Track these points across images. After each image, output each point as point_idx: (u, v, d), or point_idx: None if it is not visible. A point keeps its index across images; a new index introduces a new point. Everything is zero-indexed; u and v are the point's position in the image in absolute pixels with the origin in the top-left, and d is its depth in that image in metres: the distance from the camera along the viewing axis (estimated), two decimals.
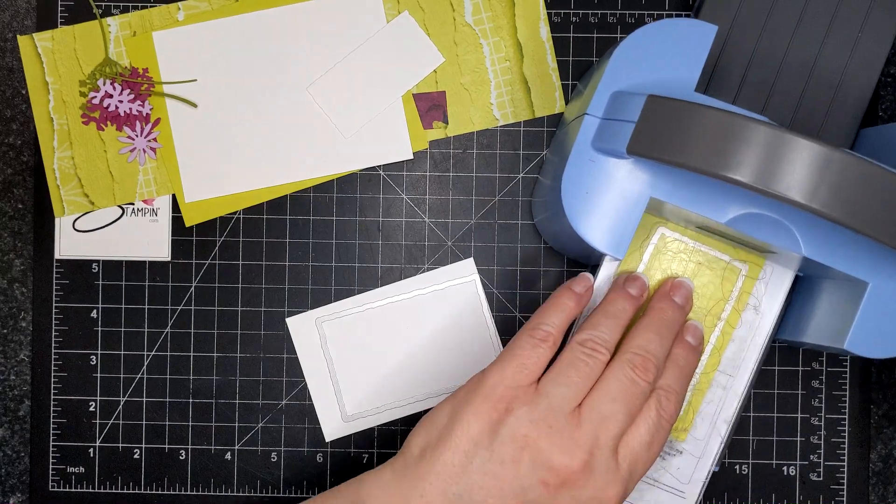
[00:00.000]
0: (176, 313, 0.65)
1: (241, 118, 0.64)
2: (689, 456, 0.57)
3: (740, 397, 0.56)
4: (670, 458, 0.57)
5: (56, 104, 0.64)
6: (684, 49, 0.51)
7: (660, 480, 0.57)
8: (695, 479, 0.57)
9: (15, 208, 0.65)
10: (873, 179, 0.41)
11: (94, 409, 0.65)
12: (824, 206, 0.41)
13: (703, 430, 0.57)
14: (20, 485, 0.65)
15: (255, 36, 0.64)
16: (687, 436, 0.57)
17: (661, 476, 0.57)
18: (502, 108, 0.65)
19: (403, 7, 0.64)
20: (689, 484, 0.57)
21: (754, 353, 0.57)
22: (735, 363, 0.57)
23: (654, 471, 0.57)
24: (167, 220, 0.65)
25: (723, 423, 0.56)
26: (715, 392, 0.57)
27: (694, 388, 0.57)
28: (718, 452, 0.56)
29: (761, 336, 0.56)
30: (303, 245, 0.65)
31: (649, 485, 0.57)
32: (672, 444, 0.57)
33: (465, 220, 0.65)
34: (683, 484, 0.57)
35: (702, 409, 0.57)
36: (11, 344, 0.65)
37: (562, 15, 0.65)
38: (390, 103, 0.64)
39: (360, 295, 0.65)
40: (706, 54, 0.51)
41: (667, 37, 0.51)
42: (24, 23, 0.65)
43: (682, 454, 0.57)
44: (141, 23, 0.64)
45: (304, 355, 0.65)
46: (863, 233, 0.42)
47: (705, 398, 0.57)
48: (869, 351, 0.50)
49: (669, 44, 0.51)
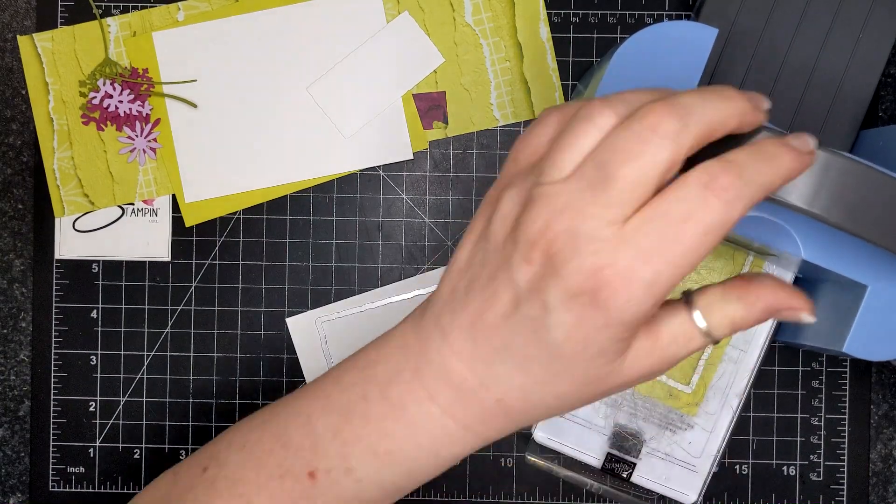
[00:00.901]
0: (176, 313, 0.65)
1: (241, 118, 0.64)
2: (700, 430, 0.57)
3: (751, 372, 0.57)
4: (682, 433, 0.57)
5: (56, 104, 0.64)
6: (685, 51, 0.51)
7: (671, 455, 0.57)
8: (706, 453, 0.57)
9: (15, 208, 0.65)
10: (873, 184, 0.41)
11: (94, 409, 0.65)
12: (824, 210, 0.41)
13: (714, 405, 0.57)
14: (20, 485, 0.65)
15: (255, 36, 0.64)
16: (698, 410, 0.57)
17: (672, 450, 0.57)
18: (502, 109, 0.64)
19: (403, 7, 0.64)
20: (701, 458, 0.58)
21: (765, 327, 0.57)
22: (746, 338, 0.57)
23: (665, 445, 0.57)
24: (167, 221, 0.65)
25: (734, 397, 0.57)
26: (726, 367, 0.57)
27: (705, 362, 0.57)
28: (730, 427, 0.57)
29: None
30: (303, 245, 0.65)
31: (661, 459, 0.57)
32: (683, 419, 0.57)
33: (465, 221, 0.65)
34: (695, 458, 0.58)
35: (713, 384, 0.57)
36: (11, 344, 0.65)
37: (562, 15, 0.65)
38: (390, 103, 0.64)
39: (360, 295, 0.65)
40: (706, 57, 0.51)
41: (667, 39, 0.51)
42: (24, 23, 0.65)
43: (694, 429, 0.57)
44: (141, 23, 0.64)
45: (304, 355, 0.65)
46: (863, 237, 0.42)
47: (716, 373, 0.57)
48: (868, 353, 0.50)
49: (670, 46, 0.51)
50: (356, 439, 0.42)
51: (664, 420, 0.58)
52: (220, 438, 0.47)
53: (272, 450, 0.44)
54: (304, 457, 0.43)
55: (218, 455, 0.46)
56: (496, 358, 0.39)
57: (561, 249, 0.36)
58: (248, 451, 0.45)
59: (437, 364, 0.41)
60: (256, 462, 0.44)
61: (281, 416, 0.45)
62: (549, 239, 0.37)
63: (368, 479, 0.42)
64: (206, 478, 0.45)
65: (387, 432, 0.42)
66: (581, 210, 0.37)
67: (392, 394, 0.41)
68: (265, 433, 0.45)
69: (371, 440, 0.42)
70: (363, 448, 0.42)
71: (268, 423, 0.45)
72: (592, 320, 0.37)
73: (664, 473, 0.57)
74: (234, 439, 0.46)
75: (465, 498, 0.64)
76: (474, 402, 0.40)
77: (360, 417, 0.42)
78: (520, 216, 0.38)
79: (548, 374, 0.39)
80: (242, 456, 0.45)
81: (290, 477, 0.43)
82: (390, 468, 0.42)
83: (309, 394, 0.45)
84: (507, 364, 0.39)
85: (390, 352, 0.42)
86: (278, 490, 0.43)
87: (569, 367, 0.38)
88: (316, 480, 0.43)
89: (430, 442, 0.41)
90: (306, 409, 0.44)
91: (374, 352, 0.43)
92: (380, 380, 0.42)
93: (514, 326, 0.38)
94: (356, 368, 0.43)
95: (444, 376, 0.40)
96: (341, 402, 0.43)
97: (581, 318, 0.37)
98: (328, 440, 0.42)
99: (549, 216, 0.37)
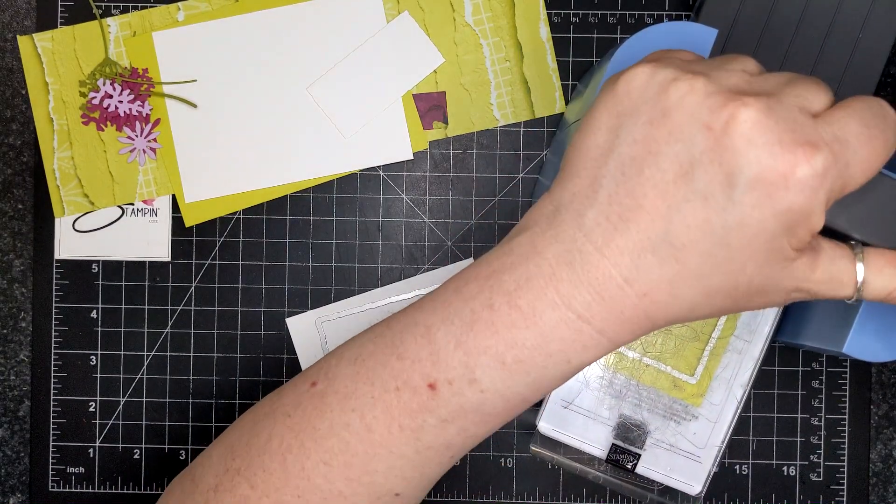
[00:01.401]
0: (176, 313, 0.65)
1: (241, 118, 0.64)
2: (705, 421, 0.57)
3: (756, 362, 0.57)
4: (686, 424, 0.57)
5: (56, 104, 0.64)
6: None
7: (676, 445, 0.57)
8: (710, 443, 0.57)
9: (15, 208, 0.65)
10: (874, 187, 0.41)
11: (94, 410, 0.65)
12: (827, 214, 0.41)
13: (719, 395, 0.57)
14: (20, 485, 0.65)
15: (255, 36, 0.64)
16: (703, 401, 0.57)
17: (677, 441, 0.57)
18: (502, 109, 0.64)
19: (403, 7, 0.64)
20: (706, 449, 0.58)
21: (770, 317, 0.57)
22: (751, 328, 0.57)
23: (670, 436, 0.57)
24: (167, 221, 0.65)
25: (739, 388, 0.57)
26: (731, 357, 0.57)
27: (710, 353, 0.57)
28: (735, 417, 0.57)
29: None
30: (303, 245, 0.65)
31: (665, 450, 0.58)
32: (688, 410, 0.57)
33: (465, 221, 0.65)
34: (700, 449, 0.58)
35: (718, 374, 0.57)
36: (11, 344, 0.65)
37: (562, 15, 0.65)
38: (390, 103, 0.64)
39: (360, 295, 0.65)
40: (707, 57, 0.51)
41: (667, 40, 0.51)
42: (23, 23, 0.65)
43: (699, 419, 0.58)
44: (141, 23, 0.64)
45: (304, 356, 0.65)
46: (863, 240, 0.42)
47: (721, 363, 0.57)
48: (867, 355, 0.50)
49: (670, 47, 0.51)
50: (482, 349, 0.40)
51: (669, 411, 0.58)
52: (331, 355, 0.45)
53: (387, 362, 0.42)
54: (423, 368, 0.41)
55: (328, 370, 0.44)
56: (648, 247, 0.38)
57: (754, 118, 0.36)
58: (361, 364, 0.43)
59: (578, 265, 0.39)
60: (370, 375, 0.42)
61: (396, 329, 0.43)
62: (741, 101, 0.37)
63: (493, 389, 0.41)
64: (314, 392, 0.44)
65: (516, 341, 0.40)
66: (777, 93, 0.37)
67: (521, 301, 0.40)
68: (378, 346, 0.43)
69: (499, 349, 0.40)
70: (489, 358, 0.40)
71: (381, 336, 0.43)
72: (774, 203, 0.36)
73: (669, 464, 0.57)
74: (344, 354, 0.44)
75: (465, 498, 0.64)
76: (616, 300, 0.39)
77: (485, 326, 0.40)
78: (697, 85, 0.38)
79: (705, 264, 0.38)
80: (354, 369, 0.43)
81: (408, 389, 0.42)
82: (518, 378, 0.41)
83: (426, 305, 0.42)
84: (660, 253, 0.38)
85: (515, 261, 0.40)
86: (394, 402, 0.42)
87: (729, 260, 0.38)
88: (436, 392, 0.41)
89: (561, 349, 0.40)
90: (424, 319, 0.42)
91: (497, 261, 0.41)
92: (507, 287, 0.40)
93: (680, 205, 0.37)
94: (478, 278, 0.41)
95: (585, 277, 0.39)
96: (464, 312, 0.41)
97: (763, 199, 0.36)
98: (450, 350, 0.41)
99: (742, 82, 0.38)
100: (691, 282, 0.38)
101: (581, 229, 0.39)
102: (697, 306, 0.39)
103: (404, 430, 0.42)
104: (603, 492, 0.64)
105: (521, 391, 0.41)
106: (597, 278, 0.39)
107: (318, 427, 0.43)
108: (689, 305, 0.39)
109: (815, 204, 0.36)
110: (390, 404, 0.42)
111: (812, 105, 0.38)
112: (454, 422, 0.42)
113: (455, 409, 0.41)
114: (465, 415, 0.42)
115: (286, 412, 0.44)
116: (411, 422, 0.42)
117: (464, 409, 0.41)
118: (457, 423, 0.42)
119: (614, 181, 0.39)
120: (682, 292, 0.39)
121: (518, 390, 0.41)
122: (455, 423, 0.42)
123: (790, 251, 0.38)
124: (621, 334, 0.40)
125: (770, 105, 0.36)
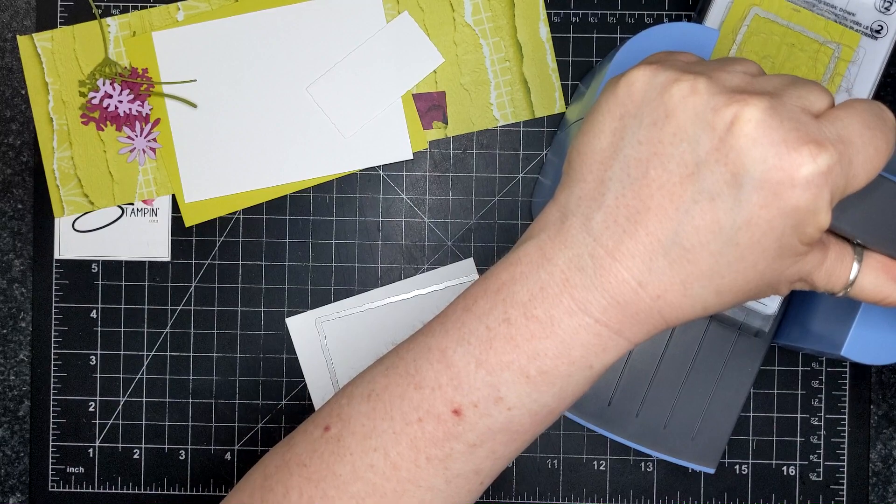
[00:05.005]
0: (176, 313, 0.65)
1: (241, 118, 0.64)
2: None
3: None
4: None
5: (56, 104, 0.64)
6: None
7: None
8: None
9: (15, 208, 0.65)
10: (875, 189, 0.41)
11: (94, 410, 0.65)
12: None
13: None
14: (20, 485, 0.65)
15: (255, 36, 0.64)
16: None
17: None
18: (502, 109, 0.64)
19: (403, 7, 0.64)
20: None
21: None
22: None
23: None
24: (167, 221, 0.65)
25: None
26: None
27: None
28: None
29: None
30: (303, 245, 0.65)
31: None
32: None
33: (465, 221, 0.65)
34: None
35: None
36: (11, 344, 0.65)
37: (562, 15, 0.64)
38: (390, 103, 0.64)
39: (360, 295, 0.65)
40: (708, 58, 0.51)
41: (669, 40, 0.50)
42: (23, 23, 0.65)
43: None
44: (141, 23, 0.64)
45: (304, 355, 0.65)
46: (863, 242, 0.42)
47: None
48: (866, 358, 0.50)
49: (671, 47, 0.51)
50: (504, 365, 0.39)
51: None
52: (339, 395, 0.43)
53: (404, 394, 0.41)
54: (445, 394, 0.40)
55: (340, 411, 0.42)
56: (659, 250, 0.38)
57: (758, 117, 0.36)
58: (376, 399, 0.41)
59: (591, 270, 0.39)
60: (387, 409, 0.41)
61: (408, 358, 0.41)
62: (744, 101, 0.37)
63: (520, 405, 0.40)
64: (329, 437, 0.42)
65: (537, 352, 0.39)
66: (779, 93, 0.38)
67: (538, 311, 0.39)
68: (392, 378, 0.41)
69: (521, 363, 0.39)
70: (513, 373, 0.39)
71: (393, 367, 0.42)
72: (782, 202, 0.36)
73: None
74: (355, 391, 0.42)
75: None
76: (631, 304, 0.39)
77: (504, 341, 0.39)
78: (699, 85, 0.38)
79: (716, 264, 0.38)
80: (370, 406, 0.41)
81: (431, 418, 0.40)
82: (543, 389, 0.40)
83: (436, 329, 0.41)
84: (671, 255, 0.38)
85: (525, 270, 0.40)
86: (419, 434, 0.40)
87: (740, 258, 0.38)
88: (462, 417, 0.40)
89: (583, 354, 0.39)
90: (437, 343, 0.41)
91: (505, 273, 0.40)
92: (520, 298, 0.39)
93: (687, 206, 0.37)
94: (487, 293, 0.40)
95: (598, 281, 0.38)
96: (479, 330, 0.40)
97: (771, 198, 0.36)
98: (471, 371, 0.40)
99: (744, 82, 0.38)
100: (703, 282, 0.38)
101: (590, 233, 0.39)
102: (710, 304, 0.39)
103: (432, 462, 0.41)
104: (603, 492, 0.64)
105: (548, 402, 0.40)
106: (611, 283, 0.38)
107: (340, 473, 0.41)
108: (702, 304, 0.39)
109: (822, 202, 0.36)
110: (414, 437, 0.41)
111: (814, 105, 0.38)
112: (483, 445, 0.41)
113: (483, 432, 0.40)
114: (493, 436, 0.41)
115: (301, 462, 0.42)
116: (438, 451, 0.41)
117: (492, 430, 0.40)
118: (486, 445, 0.41)
119: (620, 183, 0.38)
120: (694, 292, 0.39)
121: (545, 402, 0.40)
122: (484, 447, 0.41)
123: (800, 247, 0.38)
124: (638, 334, 0.40)
125: (773, 105, 0.36)
